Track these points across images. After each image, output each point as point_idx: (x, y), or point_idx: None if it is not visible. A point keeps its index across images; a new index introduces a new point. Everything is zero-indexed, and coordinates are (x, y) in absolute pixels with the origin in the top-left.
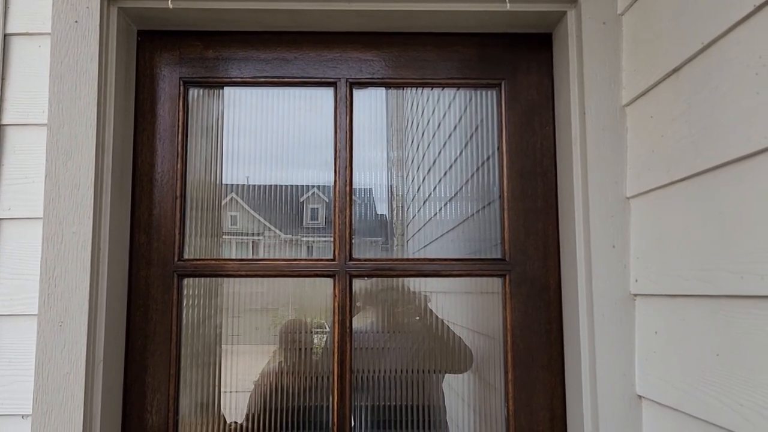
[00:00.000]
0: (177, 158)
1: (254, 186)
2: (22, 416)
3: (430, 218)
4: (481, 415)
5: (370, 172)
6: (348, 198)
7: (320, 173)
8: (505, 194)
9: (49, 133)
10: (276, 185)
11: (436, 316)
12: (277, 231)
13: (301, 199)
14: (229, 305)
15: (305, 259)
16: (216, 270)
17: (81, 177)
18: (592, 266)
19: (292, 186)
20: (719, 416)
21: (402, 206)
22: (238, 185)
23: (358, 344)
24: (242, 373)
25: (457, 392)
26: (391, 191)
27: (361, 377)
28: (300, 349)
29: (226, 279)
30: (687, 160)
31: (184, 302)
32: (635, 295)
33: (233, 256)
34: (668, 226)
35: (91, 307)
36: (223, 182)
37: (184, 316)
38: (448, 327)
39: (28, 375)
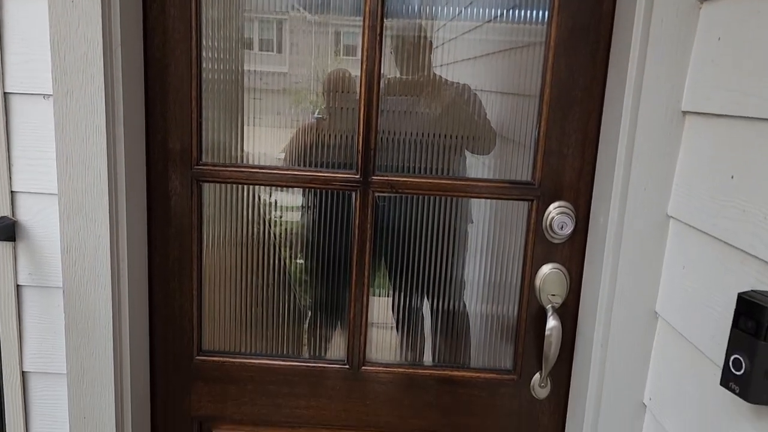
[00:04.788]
0: None
1: None
2: (44, 96)
3: None
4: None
5: None
6: None
7: None
8: None
9: None
10: None
11: (468, 87)
12: None
13: None
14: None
15: None
16: None
17: None
18: None
19: None
20: None
21: None
22: None
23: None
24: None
25: None
26: None
27: (385, 138)
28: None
29: None
30: None
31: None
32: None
33: None
34: None
35: None
36: None
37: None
38: (478, 102)
39: (44, 56)
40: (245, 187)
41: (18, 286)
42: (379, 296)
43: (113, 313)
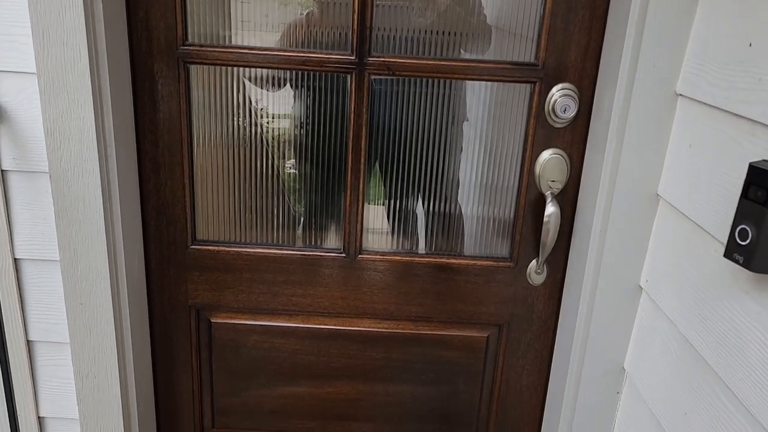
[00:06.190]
0: None
1: None
2: None
3: None
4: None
5: None
6: None
7: None
8: None
9: None
10: None
11: None
12: None
13: None
14: None
15: None
16: None
17: None
18: None
19: None
20: None
21: None
22: None
23: None
24: None
25: None
26: None
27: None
28: None
29: None
30: None
31: None
32: None
33: None
34: None
35: None
36: None
37: None
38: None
39: None
40: (235, 70)
41: (3, 171)
42: (375, 204)
43: (103, 199)
